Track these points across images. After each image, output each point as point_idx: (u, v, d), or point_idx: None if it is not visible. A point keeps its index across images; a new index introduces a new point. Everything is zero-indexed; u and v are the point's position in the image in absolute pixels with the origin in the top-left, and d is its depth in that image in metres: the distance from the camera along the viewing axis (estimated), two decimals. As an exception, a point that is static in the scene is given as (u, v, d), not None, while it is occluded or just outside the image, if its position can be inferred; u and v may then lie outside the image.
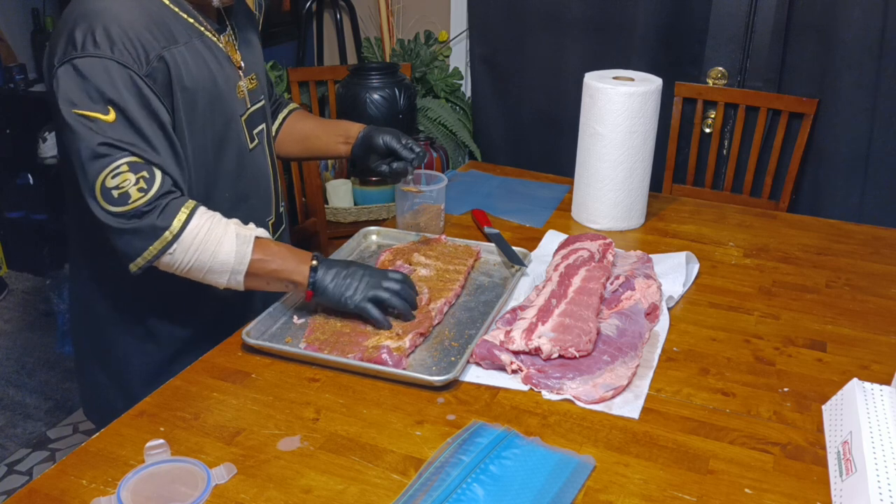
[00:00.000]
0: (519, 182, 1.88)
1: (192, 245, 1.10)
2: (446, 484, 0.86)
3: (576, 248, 1.37)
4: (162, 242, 1.09)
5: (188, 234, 1.10)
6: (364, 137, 1.43)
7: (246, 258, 1.13)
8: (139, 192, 1.07)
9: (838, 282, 1.39)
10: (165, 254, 1.10)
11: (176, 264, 1.11)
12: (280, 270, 1.16)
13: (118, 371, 1.30)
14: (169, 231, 1.09)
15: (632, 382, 1.08)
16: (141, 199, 1.07)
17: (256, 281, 1.16)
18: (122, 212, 1.07)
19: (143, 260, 1.10)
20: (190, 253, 1.10)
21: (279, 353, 1.13)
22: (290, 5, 3.12)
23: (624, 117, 1.51)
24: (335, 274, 1.17)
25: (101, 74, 1.05)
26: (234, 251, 1.12)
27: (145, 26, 1.09)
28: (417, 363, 1.12)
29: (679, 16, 2.46)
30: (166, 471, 0.90)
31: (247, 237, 1.14)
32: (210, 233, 1.11)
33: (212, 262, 1.12)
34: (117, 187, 1.06)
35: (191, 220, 1.10)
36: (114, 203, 1.07)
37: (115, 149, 1.06)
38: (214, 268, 1.12)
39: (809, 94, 2.31)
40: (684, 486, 0.89)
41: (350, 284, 1.17)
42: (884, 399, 0.94)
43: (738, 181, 2.47)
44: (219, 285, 1.15)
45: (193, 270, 1.13)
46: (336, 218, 2.67)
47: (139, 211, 1.07)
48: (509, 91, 2.80)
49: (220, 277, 1.14)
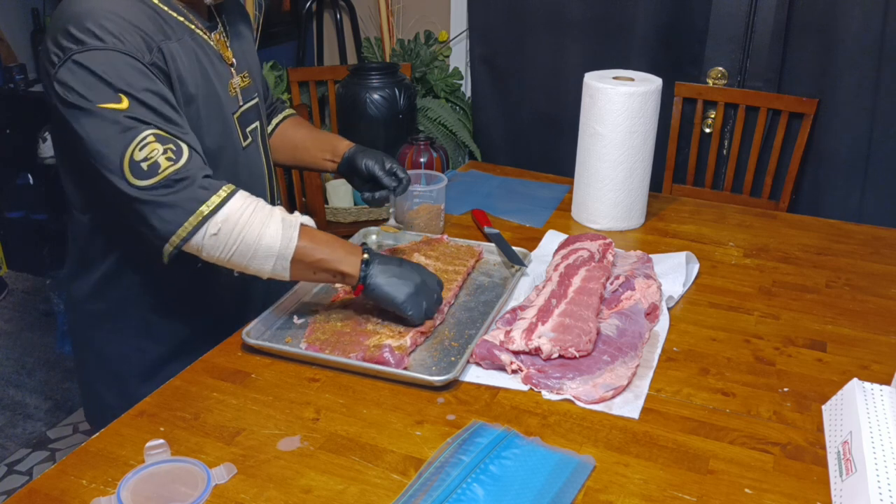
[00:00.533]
0: (519, 182, 1.88)
1: (237, 225, 1.06)
2: (446, 484, 0.86)
3: (576, 248, 1.37)
4: (198, 217, 1.05)
5: (233, 213, 1.06)
6: (348, 159, 1.40)
7: (292, 243, 1.09)
8: (168, 161, 1.04)
9: (838, 282, 1.39)
10: (207, 235, 1.05)
11: (220, 246, 1.07)
12: (328, 260, 1.12)
13: (117, 373, 1.30)
14: (206, 205, 1.05)
15: (632, 382, 1.08)
16: (171, 168, 1.04)
17: (303, 270, 1.12)
18: (153, 183, 1.03)
19: (178, 238, 1.05)
20: (235, 233, 1.06)
21: (279, 353, 1.13)
22: (290, 5, 3.11)
23: (624, 117, 1.51)
24: (388, 272, 1.14)
25: (107, 65, 1.04)
26: (279, 235, 1.08)
27: (140, 20, 1.09)
28: (417, 363, 1.12)
29: (679, 16, 2.46)
30: (166, 471, 0.90)
31: (292, 222, 1.10)
32: (255, 214, 1.07)
33: (256, 245, 1.07)
34: (146, 158, 1.03)
35: (231, 199, 1.07)
36: (144, 176, 1.03)
37: (137, 122, 1.04)
38: (259, 251, 1.08)
39: (809, 94, 2.31)
40: (684, 486, 0.89)
41: (403, 287, 1.14)
42: (884, 399, 0.94)
43: (738, 181, 2.47)
44: (263, 273, 1.11)
45: (237, 255, 1.08)
46: (336, 218, 2.67)
47: (171, 180, 1.04)
48: (509, 91, 2.80)
49: (266, 263, 1.09)
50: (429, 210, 1.53)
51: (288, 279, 1.13)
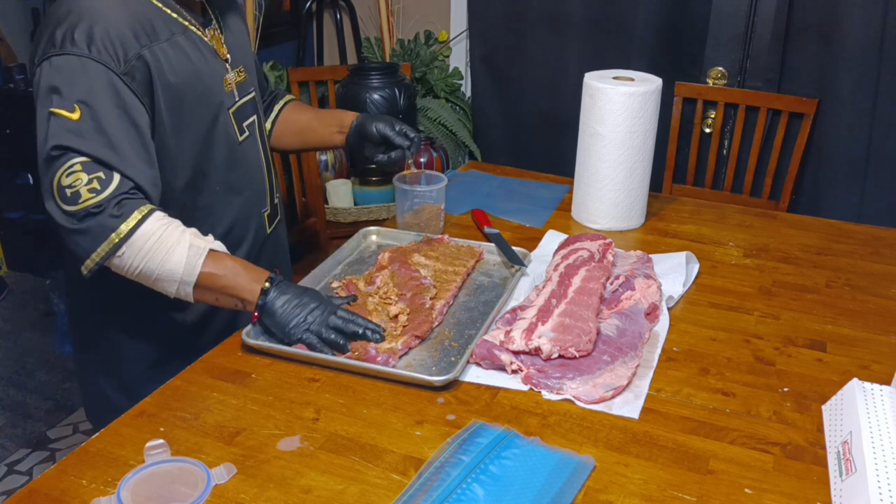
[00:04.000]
0: (519, 182, 1.88)
1: (141, 249, 1.08)
2: (446, 484, 0.86)
3: (576, 248, 1.37)
4: (109, 245, 1.07)
5: (139, 238, 1.08)
6: (357, 126, 1.43)
7: (196, 270, 1.10)
8: (90, 192, 1.06)
9: (838, 282, 1.39)
10: (114, 256, 1.08)
11: (125, 267, 1.10)
12: (230, 286, 1.12)
13: (119, 371, 1.30)
14: (116, 234, 1.07)
15: (632, 382, 1.08)
16: (91, 200, 1.06)
17: (206, 294, 1.13)
18: (72, 211, 1.06)
19: (92, 262, 1.08)
20: (139, 258, 1.08)
21: (278, 352, 1.13)
22: (290, 5, 3.11)
23: (624, 117, 1.51)
24: (287, 301, 1.12)
25: (76, 72, 1.06)
26: (183, 261, 1.09)
27: (127, 25, 1.10)
28: (417, 363, 1.12)
29: (679, 16, 2.46)
30: (166, 471, 0.90)
31: (200, 248, 1.11)
32: (161, 240, 1.09)
33: (160, 269, 1.09)
34: (70, 185, 1.05)
35: (142, 224, 1.08)
36: (66, 202, 1.06)
37: (70, 150, 1.06)
38: (163, 276, 1.10)
39: (809, 94, 2.31)
40: (684, 486, 0.89)
41: (297, 315, 1.12)
42: (884, 399, 0.94)
43: (738, 181, 2.47)
44: (168, 294, 1.13)
45: (142, 276, 1.11)
46: (336, 218, 2.67)
47: (88, 211, 1.06)
48: (509, 91, 2.80)
49: (169, 286, 1.11)
50: (429, 210, 1.53)
51: (192, 302, 1.14)
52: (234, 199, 1.29)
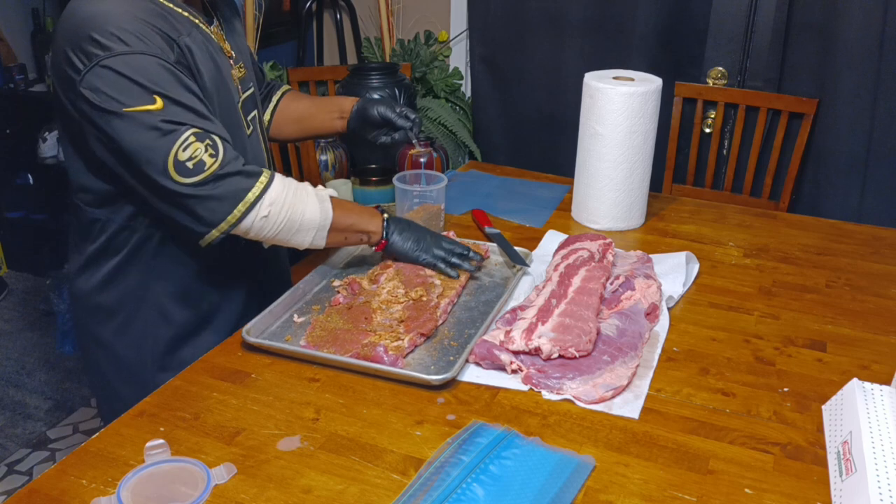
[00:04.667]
0: (519, 182, 1.88)
1: (283, 207, 1.16)
2: (446, 484, 0.86)
3: (576, 248, 1.37)
4: (245, 204, 1.13)
5: (277, 196, 1.15)
6: (359, 110, 1.46)
7: (329, 214, 1.21)
8: (211, 157, 1.10)
9: (838, 282, 1.39)
10: (257, 218, 1.14)
11: (268, 227, 1.16)
12: (356, 224, 1.27)
13: (131, 365, 1.30)
14: (251, 192, 1.13)
15: (632, 382, 1.08)
16: (215, 164, 1.10)
17: (337, 235, 1.25)
18: (201, 180, 1.10)
19: (227, 224, 1.13)
20: (282, 214, 1.16)
21: (278, 350, 1.13)
22: (290, 5, 3.11)
23: (624, 117, 1.51)
24: (403, 227, 1.31)
25: (137, 68, 1.06)
26: (318, 209, 1.20)
27: (154, 21, 1.11)
28: (417, 363, 1.12)
29: (679, 16, 2.46)
30: (166, 471, 0.90)
31: (324, 196, 1.22)
32: (295, 194, 1.18)
33: (301, 220, 1.19)
34: (190, 158, 1.08)
35: (272, 183, 1.15)
36: (190, 174, 1.09)
37: (175, 124, 1.08)
38: (304, 226, 1.19)
39: (809, 94, 2.31)
40: (684, 486, 0.89)
41: (419, 238, 1.31)
42: (884, 399, 0.94)
43: (738, 181, 2.47)
44: (303, 244, 1.22)
45: (283, 231, 1.18)
46: (336, 218, 2.66)
47: (216, 175, 1.10)
48: (509, 91, 2.80)
49: (307, 235, 1.21)
50: (429, 210, 1.53)
51: (323, 246, 1.25)
52: None
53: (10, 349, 2.81)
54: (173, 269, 1.25)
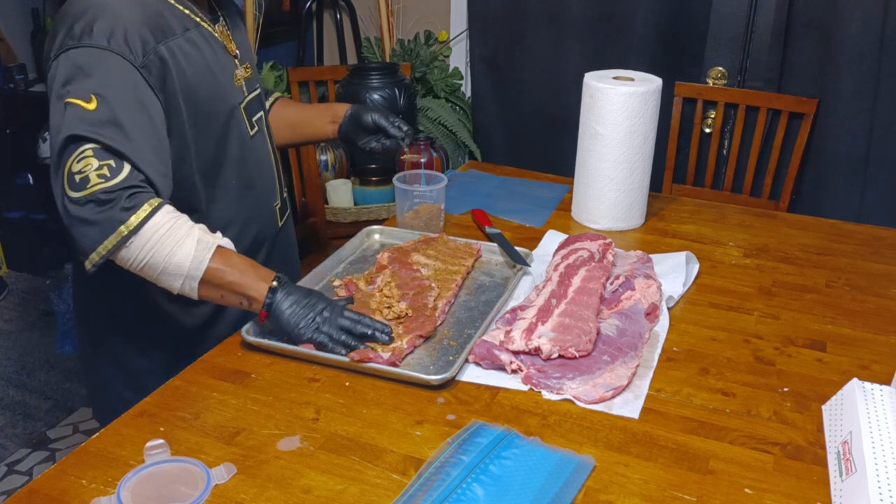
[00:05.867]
0: (519, 182, 1.88)
1: (149, 241, 1.06)
2: (446, 484, 0.86)
3: (576, 248, 1.37)
4: (118, 237, 1.05)
5: (148, 230, 1.06)
6: (352, 116, 1.46)
7: (203, 264, 1.09)
8: (99, 177, 1.04)
9: (838, 282, 1.39)
10: (123, 247, 1.06)
11: (131, 259, 1.07)
12: (237, 283, 1.11)
13: (126, 365, 1.30)
14: (125, 226, 1.05)
15: (632, 382, 1.08)
16: (99, 185, 1.04)
17: (211, 291, 1.11)
18: (80, 197, 1.04)
19: (98, 255, 1.06)
20: (145, 250, 1.06)
21: (278, 350, 1.13)
22: (290, 5, 3.11)
23: (624, 117, 1.51)
24: (294, 300, 1.12)
25: (94, 64, 1.06)
26: (191, 255, 1.08)
27: (144, 21, 1.10)
28: (416, 363, 1.12)
29: (679, 16, 2.46)
30: (166, 471, 0.90)
31: (208, 244, 1.10)
32: (170, 233, 1.07)
33: (166, 262, 1.08)
34: (80, 171, 1.04)
35: (152, 217, 1.06)
36: (74, 188, 1.04)
37: (83, 139, 1.05)
38: (168, 269, 1.08)
39: (809, 94, 2.31)
40: (684, 486, 0.89)
41: (306, 315, 1.11)
42: (884, 399, 0.94)
43: (738, 181, 2.47)
44: (172, 289, 1.11)
45: (147, 269, 1.09)
46: (336, 218, 2.67)
47: (97, 197, 1.04)
48: (509, 91, 2.80)
49: (174, 281, 1.09)
50: (429, 210, 1.53)
51: (196, 298, 1.12)
52: (248, 192, 1.30)
53: (10, 349, 2.81)
54: None
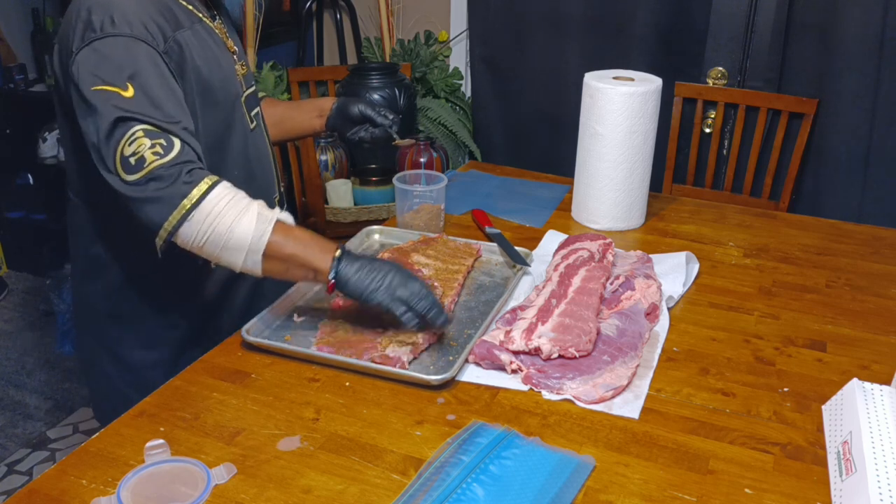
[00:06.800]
0: (519, 182, 1.88)
1: (209, 214, 1.05)
2: (446, 484, 0.86)
3: (576, 248, 1.37)
4: (181, 211, 1.04)
5: (208, 203, 1.05)
6: (339, 108, 1.48)
7: (264, 237, 1.07)
8: (154, 155, 1.04)
9: (838, 282, 1.39)
10: (185, 222, 1.05)
11: (192, 236, 1.06)
12: (300, 255, 1.09)
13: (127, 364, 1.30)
14: (188, 199, 1.04)
15: (632, 382, 1.08)
16: (156, 162, 1.04)
17: (275, 265, 1.10)
18: (139, 178, 1.04)
19: (165, 231, 1.05)
20: (206, 224, 1.05)
21: (278, 350, 1.13)
22: (290, 5, 3.11)
23: (624, 117, 1.51)
24: (359, 267, 1.10)
25: (122, 52, 1.06)
26: (252, 228, 1.06)
27: (158, 11, 1.12)
28: (416, 363, 1.12)
29: (679, 16, 2.46)
30: (166, 471, 0.90)
31: (268, 217, 1.08)
32: (230, 206, 1.06)
33: (228, 236, 1.06)
34: (133, 153, 1.04)
35: (212, 191, 1.06)
36: (131, 171, 1.04)
37: (131, 120, 1.05)
38: (230, 244, 1.06)
39: (809, 94, 2.31)
40: (684, 486, 0.89)
41: (375, 279, 1.10)
42: (884, 399, 0.94)
43: (738, 181, 2.47)
44: (235, 267, 1.09)
45: (209, 245, 1.07)
46: (336, 218, 2.67)
47: (156, 174, 1.04)
48: (509, 91, 2.80)
49: (237, 256, 1.08)
50: (429, 210, 1.53)
51: (259, 275, 1.11)
52: (250, 184, 1.31)
53: (10, 349, 2.81)
54: (178, 269, 1.24)
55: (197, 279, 1.28)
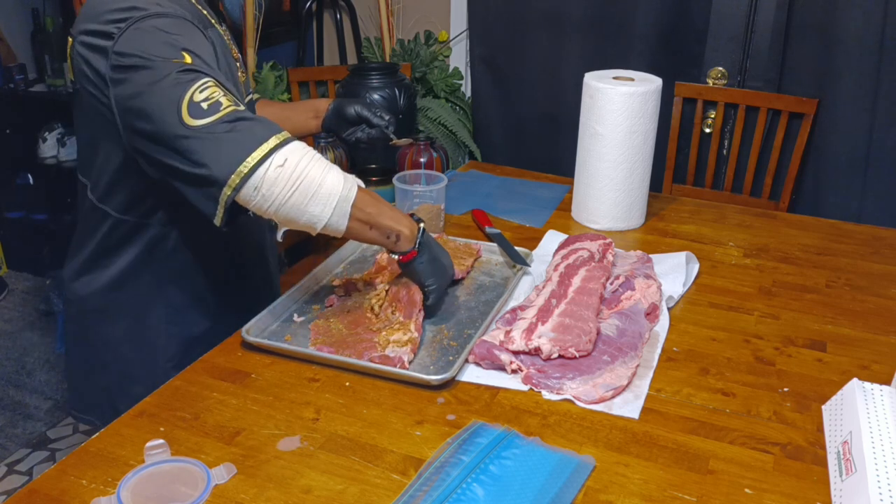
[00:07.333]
0: (519, 182, 1.88)
1: (302, 159, 1.01)
2: (446, 484, 0.86)
3: (576, 248, 1.37)
4: (265, 149, 0.99)
5: (298, 148, 1.02)
6: (335, 109, 1.47)
7: (354, 188, 1.06)
8: (230, 101, 1.02)
9: (838, 282, 1.39)
10: (272, 166, 0.99)
11: (282, 183, 1.00)
12: (385, 215, 1.09)
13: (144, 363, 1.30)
14: (276, 136, 1.01)
15: (632, 382, 1.08)
16: (232, 107, 1.01)
17: (359, 221, 1.07)
18: (214, 120, 1.00)
19: (247, 166, 0.98)
20: (300, 168, 1.01)
21: (278, 350, 1.13)
22: (290, 5, 3.11)
23: (624, 117, 1.51)
24: (434, 256, 1.18)
25: (171, 27, 1.06)
26: (342, 178, 1.05)
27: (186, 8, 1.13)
28: (416, 363, 1.12)
29: (679, 16, 2.46)
30: (166, 471, 0.90)
31: (350, 176, 1.08)
32: (317, 157, 1.04)
33: (321, 182, 1.02)
34: (207, 99, 1.00)
35: (294, 140, 1.03)
36: (203, 115, 1.00)
37: (199, 72, 1.03)
38: (322, 190, 1.02)
39: (809, 94, 2.31)
40: (684, 486, 0.89)
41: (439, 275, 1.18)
42: (884, 399, 0.94)
43: (738, 181, 2.47)
44: (320, 220, 1.04)
45: (298, 193, 1.01)
46: (336, 218, 2.66)
47: (234, 116, 1.01)
48: (509, 91, 2.80)
49: (326, 206, 1.03)
50: (429, 210, 1.53)
51: (342, 233, 1.07)
52: None
53: (10, 349, 2.81)
54: (186, 269, 1.25)
55: (205, 279, 1.28)
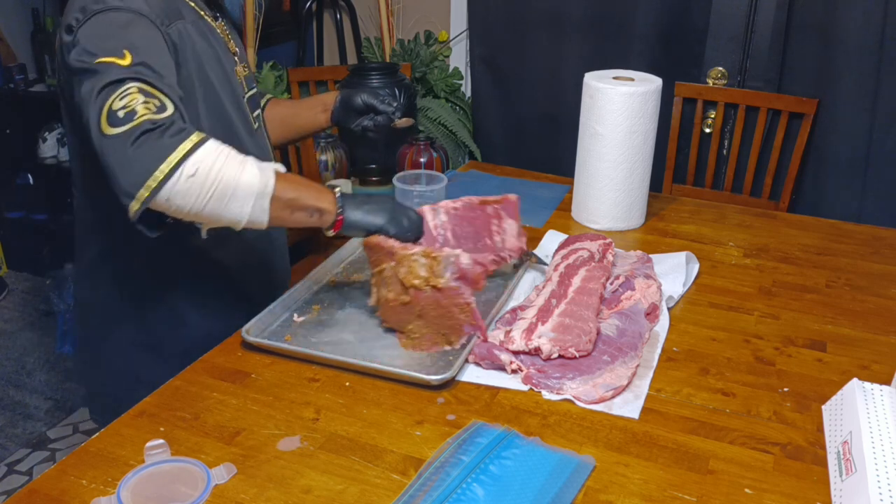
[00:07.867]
0: (519, 182, 1.88)
1: (214, 165, 1.01)
2: (446, 484, 0.86)
3: (576, 248, 1.37)
4: (169, 165, 0.97)
5: (209, 154, 1.01)
6: (343, 100, 1.48)
7: (271, 181, 1.06)
8: (146, 109, 0.99)
9: (838, 282, 1.39)
10: (183, 178, 0.98)
11: (196, 191, 1.00)
12: (304, 197, 1.11)
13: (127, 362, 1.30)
14: (178, 150, 0.98)
15: (632, 382, 1.08)
16: (148, 116, 0.98)
17: (282, 209, 1.08)
18: (127, 130, 0.97)
19: (155, 180, 0.97)
20: (213, 174, 1.00)
21: (278, 350, 1.13)
22: (290, 5, 3.11)
23: (624, 117, 1.51)
24: (361, 202, 1.18)
25: (123, 25, 1.05)
26: (257, 175, 1.04)
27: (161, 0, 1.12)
28: (417, 363, 1.12)
29: (679, 16, 2.46)
30: (166, 471, 0.90)
31: (267, 165, 1.08)
32: (230, 156, 1.03)
33: (237, 183, 1.02)
34: (124, 107, 0.98)
35: (205, 143, 1.01)
36: (118, 123, 0.97)
37: (126, 80, 1.01)
38: (239, 190, 1.03)
39: (809, 94, 2.31)
40: (684, 486, 0.89)
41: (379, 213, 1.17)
42: (884, 399, 0.94)
43: (738, 181, 2.47)
44: (241, 217, 1.05)
45: (215, 197, 1.01)
46: (336, 218, 2.66)
47: (146, 127, 0.98)
48: (509, 91, 2.80)
49: (245, 204, 1.04)
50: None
51: (265, 224, 1.08)
52: None
53: (10, 349, 2.81)
54: (183, 265, 1.25)
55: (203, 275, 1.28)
